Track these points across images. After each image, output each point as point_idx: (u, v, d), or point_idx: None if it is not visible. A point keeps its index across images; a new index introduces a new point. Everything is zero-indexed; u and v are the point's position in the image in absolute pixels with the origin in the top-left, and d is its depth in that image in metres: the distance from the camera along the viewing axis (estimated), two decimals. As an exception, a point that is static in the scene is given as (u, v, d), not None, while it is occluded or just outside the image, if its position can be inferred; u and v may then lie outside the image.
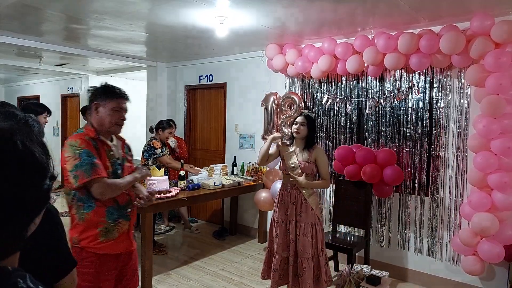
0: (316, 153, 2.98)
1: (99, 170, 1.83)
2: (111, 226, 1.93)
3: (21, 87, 9.44)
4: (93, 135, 1.92)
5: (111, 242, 1.92)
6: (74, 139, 1.86)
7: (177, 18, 3.44)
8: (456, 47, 3.04)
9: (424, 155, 3.58)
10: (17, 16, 3.49)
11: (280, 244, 3.00)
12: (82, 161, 1.80)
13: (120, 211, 1.97)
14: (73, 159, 1.80)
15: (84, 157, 1.81)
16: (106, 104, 1.94)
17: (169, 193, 3.61)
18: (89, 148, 1.84)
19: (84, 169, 1.79)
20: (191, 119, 5.81)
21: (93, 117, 1.96)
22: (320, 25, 3.58)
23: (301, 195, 2.97)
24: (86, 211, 1.88)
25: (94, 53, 5.12)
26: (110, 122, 1.95)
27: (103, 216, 1.90)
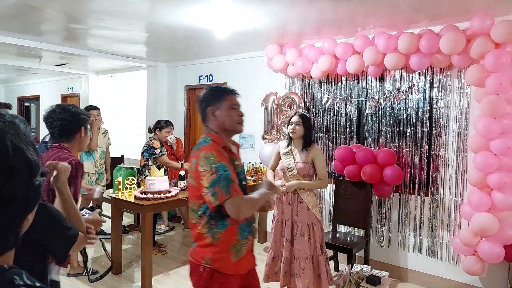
0: (313, 153, 2.97)
1: (236, 186, 1.67)
2: (242, 244, 1.78)
3: (21, 87, 9.43)
4: (222, 143, 1.79)
5: (240, 260, 1.78)
6: (210, 151, 1.69)
7: (177, 18, 3.44)
8: (456, 47, 3.04)
9: (424, 155, 3.58)
10: (17, 15, 3.48)
11: (274, 240, 3.05)
12: (219, 176, 1.64)
13: (249, 227, 1.83)
14: (210, 174, 1.64)
15: (221, 171, 1.65)
16: (220, 105, 1.82)
17: (169, 193, 3.60)
18: (225, 161, 1.69)
19: (222, 185, 1.63)
20: (191, 119, 5.81)
21: (212, 123, 1.83)
22: (320, 25, 3.58)
23: (298, 196, 2.98)
24: (220, 230, 1.71)
25: (94, 53, 5.11)
26: (231, 122, 1.84)
27: (236, 234, 1.74)
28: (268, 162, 4.39)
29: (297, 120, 2.98)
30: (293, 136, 3.00)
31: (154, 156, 4.36)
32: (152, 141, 4.41)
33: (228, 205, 1.63)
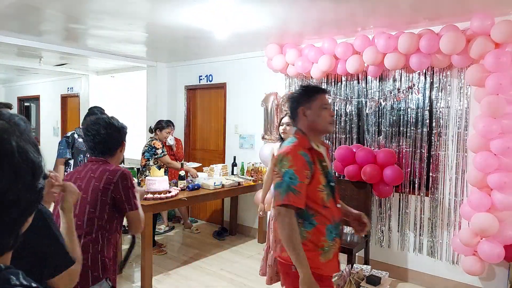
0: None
1: (295, 197, 1.62)
2: (330, 246, 1.73)
3: (21, 87, 9.43)
4: (308, 144, 1.75)
5: (328, 263, 1.73)
6: (287, 155, 1.69)
7: (177, 18, 3.44)
8: (456, 47, 3.04)
9: (424, 155, 3.58)
10: (16, 15, 3.48)
11: (275, 240, 3.00)
12: (283, 181, 1.64)
13: (336, 228, 1.79)
14: (277, 176, 1.68)
15: (286, 177, 1.64)
16: (311, 105, 1.77)
17: (169, 193, 3.60)
18: (299, 167, 1.65)
19: (281, 190, 1.64)
20: (191, 119, 5.81)
21: (302, 123, 1.79)
22: (320, 25, 3.58)
23: None
24: (307, 229, 1.70)
25: (94, 53, 5.11)
26: (322, 122, 1.78)
27: (324, 235, 1.71)
28: (268, 162, 4.39)
29: (288, 120, 2.98)
30: (284, 136, 2.99)
31: (155, 156, 4.36)
32: (153, 141, 4.41)
33: (277, 214, 1.65)
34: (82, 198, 1.76)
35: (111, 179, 1.81)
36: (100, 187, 1.80)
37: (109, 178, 1.81)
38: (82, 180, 1.84)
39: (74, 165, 3.53)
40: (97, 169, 1.86)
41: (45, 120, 8.76)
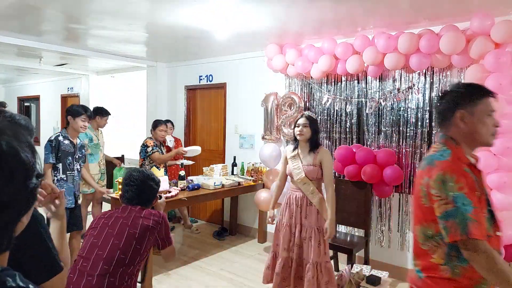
0: (321, 155, 2.87)
1: (479, 227, 1.29)
2: (488, 284, 1.39)
3: (21, 87, 9.44)
4: (465, 159, 1.43)
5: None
6: (450, 173, 1.34)
7: (177, 18, 3.44)
8: (456, 47, 3.04)
9: (424, 155, 3.58)
10: (16, 15, 3.49)
11: (284, 248, 2.94)
12: (456, 208, 1.30)
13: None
14: (444, 203, 1.33)
15: (459, 203, 1.30)
16: (475, 109, 1.43)
17: (169, 193, 3.61)
18: (468, 188, 1.32)
19: (458, 220, 1.29)
20: (191, 119, 5.81)
21: (457, 130, 1.45)
22: (320, 25, 3.58)
23: (306, 198, 2.90)
24: (462, 264, 1.36)
25: (94, 53, 5.12)
26: (486, 132, 1.45)
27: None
28: (268, 162, 4.41)
29: (304, 122, 2.90)
30: (300, 138, 2.91)
31: (147, 155, 4.37)
32: (146, 140, 4.44)
33: (464, 249, 1.30)
34: (113, 244, 1.86)
35: (148, 224, 1.96)
36: (136, 234, 1.91)
37: (145, 224, 1.95)
38: (113, 226, 1.93)
39: (63, 169, 3.32)
40: (136, 217, 1.97)
41: (45, 120, 8.76)
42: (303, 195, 2.91)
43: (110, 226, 1.92)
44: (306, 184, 2.89)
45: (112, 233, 1.89)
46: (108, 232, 1.88)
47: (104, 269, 1.78)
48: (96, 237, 1.89)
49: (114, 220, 1.94)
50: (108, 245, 1.84)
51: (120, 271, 1.82)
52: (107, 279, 1.78)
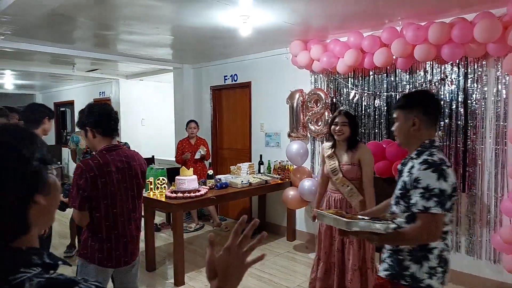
0: (360, 152, 2.67)
1: None
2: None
3: (57, 93, 9.88)
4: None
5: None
6: None
7: (201, 19, 3.48)
8: (492, 35, 2.89)
9: (459, 149, 3.43)
10: (50, 25, 3.65)
11: (325, 252, 2.82)
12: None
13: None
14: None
15: None
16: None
17: (198, 192, 3.66)
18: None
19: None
20: (217, 119, 5.86)
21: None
22: (345, 19, 3.51)
23: (345, 200, 2.74)
24: None
25: (123, 58, 5.27)
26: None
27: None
28: (295, 160, 4.38)
29: (343, 120, 2.69)
30: (339, 138, 2.73)
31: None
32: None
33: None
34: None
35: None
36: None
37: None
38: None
39: None
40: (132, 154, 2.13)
41: (80, 124, 9.11)
42: (342, 197, 2.75)
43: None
44: (345, 185, 2.72)
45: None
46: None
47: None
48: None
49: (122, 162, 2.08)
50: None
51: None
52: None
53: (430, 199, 1.50)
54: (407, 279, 1.61)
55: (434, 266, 1.60)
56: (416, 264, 1.61)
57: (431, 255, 1.60)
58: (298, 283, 3.55)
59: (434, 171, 1.52)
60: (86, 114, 2.00)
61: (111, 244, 1.98)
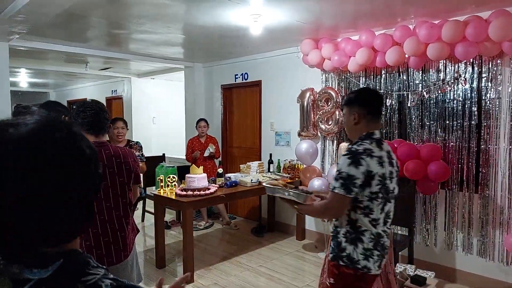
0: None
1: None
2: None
3: (70, 91, 10.03)
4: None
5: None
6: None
7: (212, 18, 3.49)
8: (507, 33, 2.83)
9: (472, 149, 3.38)
10: (64, 24, 3.71)
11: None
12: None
13: None
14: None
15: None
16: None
17: (207, 190, 3.68)
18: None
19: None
20: (227, 118, 5.88)
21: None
22: (356, 17, 3.48)
23: None
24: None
25: (135, 57, 5.32)
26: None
27: None
28: (305, 159, 4.37)
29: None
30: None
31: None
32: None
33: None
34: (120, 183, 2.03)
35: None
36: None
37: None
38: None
39: None
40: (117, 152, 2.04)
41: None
42: None
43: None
44: None
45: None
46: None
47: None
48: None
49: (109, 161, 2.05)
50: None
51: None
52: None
53: (337, 180, 1.72)
54: (344, 260, 1.76)
55: (369, 248, 1.75)
56: (351, 245, 1.77)
57: (364, 237, 1.76)
58: (307, 282, 3.54)
59: (349, 158, 1.73)
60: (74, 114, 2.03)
61: (90, 242, 1.95)
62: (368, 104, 1.87)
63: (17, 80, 8.41)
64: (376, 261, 1.76)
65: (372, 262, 1.75)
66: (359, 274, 1.75)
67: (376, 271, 1.78)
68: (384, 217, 1.81)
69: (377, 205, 1.76)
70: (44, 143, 0.58)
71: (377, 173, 1.73)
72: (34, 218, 0.56)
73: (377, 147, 1.79)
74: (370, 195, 1.73)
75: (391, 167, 1.85)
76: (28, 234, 0.56)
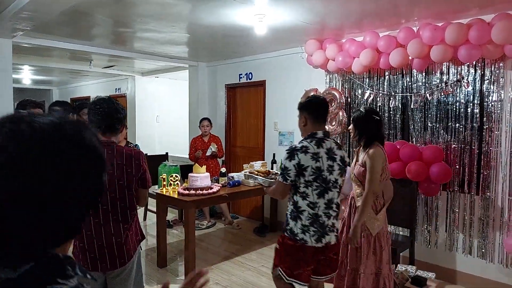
0: (368, 154, 2.59)
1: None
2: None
3: (74, 88, 10.07)
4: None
5: None
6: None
7: (217, 18, 3.51)
8: (510, 36, 2.85)
9: (474, 151, 3.39)
10: (69, 22, 3.73)
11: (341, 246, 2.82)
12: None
13: None
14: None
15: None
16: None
17: (210, 190, 3.70)
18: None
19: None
20: (231, 117, 5.90)
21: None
22: (361, 18, 3.50)
23: (354, 201, 2.73)
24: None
25: (140, 55, 5.35)
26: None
27: None
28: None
29: (351, 121, 2.77)
30: (351, 137, 2.82)
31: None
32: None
33: None
34: (119, 185, 1.95)
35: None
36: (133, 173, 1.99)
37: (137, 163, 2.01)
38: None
39: None
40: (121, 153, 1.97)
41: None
42: (353, 196, 2.77)
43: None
44: (356, 184, 2.72)
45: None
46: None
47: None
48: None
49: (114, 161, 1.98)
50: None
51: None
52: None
53: (279, 171, 2.24)
54: (288, 232, 2.24)
55: (307, 225, 2.19)
56: (293, 221, 2.23)
57: (303, 216, 2.19)
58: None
59: (288, 153, 2.17)
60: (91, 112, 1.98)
61: (83, 244, 1.91)
62: (314, 111, 2.27)
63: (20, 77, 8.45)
64: (312, 235, 2.18)
65: (309, 236, 2.18)
66: (298, 245, 2.19)
67: (313, 244, 2.18)
68: (326, 203, 2.20)
69: (313, 191, 2.16)
70: (57, 141, 0.58)
71: (310, 166, 2.13)
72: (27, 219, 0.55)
73: (315, 145, 2.17)
74: (305, 183, 2.15)
75: (330, 162, 2.20)
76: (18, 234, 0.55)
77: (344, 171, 2.30)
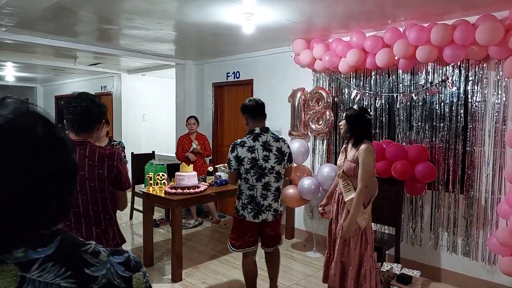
0: (359, 151, 2.64)
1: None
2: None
3: (58, 86, 9.88)
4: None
5: None
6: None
7: (205, 16, 3.48)
8: (494, 37, 2.90)
9: (458, 151, 3.45)
10: (53, 18, 3.65)
11: (328, 242, 2.92)
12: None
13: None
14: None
15: None
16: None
17: (197, 189, 3.67)
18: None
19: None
20: (218, 116, 5.87)
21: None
22: (348, 18, 3.52)
23: (342, 196, 2.78)
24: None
25: (126, 53, 5.27)
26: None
27: None
28: (295, 158, 4.37)
29: (344, 117, 2.82)
30: (341, 133, 2.87)
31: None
32: None
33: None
34: (91, 187, 1.82)
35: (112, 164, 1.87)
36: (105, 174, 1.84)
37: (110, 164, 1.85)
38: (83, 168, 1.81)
39: None
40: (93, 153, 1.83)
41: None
42: (341, 192, 2.81)
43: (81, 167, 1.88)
44: (344, 180, 2.77)
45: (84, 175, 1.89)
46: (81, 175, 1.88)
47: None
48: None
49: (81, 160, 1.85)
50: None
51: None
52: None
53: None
54: (235, 209, 2.84)
55: (245, 204, 2.77)
56: (237, 200, 2.83)
57: (242, 196, 2.78)
58: (295, 281, 3.57)
59: (230, 147, 2.75)
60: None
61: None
62: (252, 112, 2.80)
63: (3, 74, 8.25)
64: (249, 212, 2.76)
65: (247, 212, 2.76)
66: (239, 219, 2.80)
67: (251, 219, 2.76)
68: (262, 186, 2.72)
69: (251, 176, 2.70)
70: (22, 135, 0.59)
71: (246, 157, 2.67)
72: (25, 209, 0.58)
73: (252, 140, 2.72)
74: (245, 170, 2.69)
75: (266, 152, 2.71)
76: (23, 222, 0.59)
77: (283, 159, 2.78)
